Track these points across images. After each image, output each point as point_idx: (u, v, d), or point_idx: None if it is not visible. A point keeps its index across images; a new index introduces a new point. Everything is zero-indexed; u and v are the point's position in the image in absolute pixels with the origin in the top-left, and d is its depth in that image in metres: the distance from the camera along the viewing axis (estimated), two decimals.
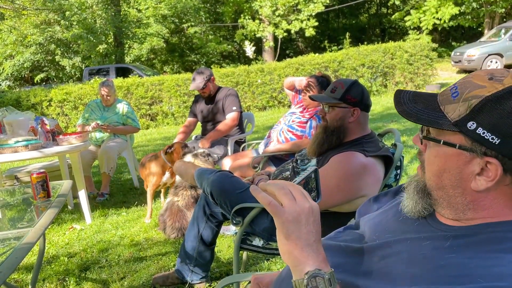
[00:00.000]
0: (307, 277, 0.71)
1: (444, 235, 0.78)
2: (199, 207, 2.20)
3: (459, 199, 0.78)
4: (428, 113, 0.79)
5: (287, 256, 0.75)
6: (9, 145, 3.23)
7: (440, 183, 0.79)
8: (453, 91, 0.78)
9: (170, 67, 21.43)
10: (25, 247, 1.27)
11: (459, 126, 0.74)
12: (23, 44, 17.75)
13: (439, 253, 0.75)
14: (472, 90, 0.75)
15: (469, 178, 0.75)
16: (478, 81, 0.76)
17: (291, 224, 0.74)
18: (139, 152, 6.82)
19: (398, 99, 0.85)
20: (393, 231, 0.88)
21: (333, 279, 0.72)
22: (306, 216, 0.75)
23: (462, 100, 0.75)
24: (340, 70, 11.07)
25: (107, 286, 2.45)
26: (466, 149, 0.74)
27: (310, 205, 0.76)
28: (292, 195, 0.76)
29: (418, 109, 0.80)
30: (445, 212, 0.81)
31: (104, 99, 4.45)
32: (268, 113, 10.31)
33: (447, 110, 0.77)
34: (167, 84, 10.19)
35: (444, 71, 15.35)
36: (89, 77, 13.98)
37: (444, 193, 0.80)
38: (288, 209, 0.75)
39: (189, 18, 20.45)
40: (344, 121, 1.86)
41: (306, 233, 0.74)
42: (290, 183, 0.80)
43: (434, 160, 0.80)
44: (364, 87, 1.91)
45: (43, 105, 9.64)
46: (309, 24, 18.83)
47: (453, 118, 0.75)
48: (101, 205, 4.06)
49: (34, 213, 1.82)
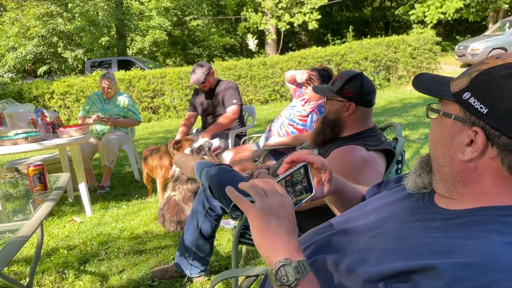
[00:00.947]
0: (276, 267, 0.75)
1: (434, 217, 0.80)
2: (198, 201, 2.18)
3: (448, 169, 0.81)
4: (437, 87, 0.83)
5: (260, 249, 0.79)
6: (9, 137, 3.22)
7: (435, 152, 0.84)
8: (466, 70, 0.82)
9: (173, 60, 21.38)
10: (20, 240, 1.25)
11: (456, 96, 0.78)
12: (26, 36, 17.72)
13: (426, 232, 0.77)
14: (477, 66, 0.79)
15: (458, 148, 0.78)
16: (486, 60, 0.79)
17: (261, 219, 0.78)
18: (141, 145, 6.81)
19: (417, 81, 0.89)
20: (389, 212, 0.91)
21: (302, 267, 0.74)
22: (276, 210, 0.79)
23: (467, 75, 0.79)
24: (343, 63, 11.01)
25: (106, 279, 2.45)
26: (459, 119, 0.78)
27: (281, 200, 0.80)
28: (263, 191, 0.81)
29: (429, 84, 0.85)
30: (439, 185, 0.84)
31: (105, 92, 4.43)
32: (270, 106, 10.27)
33: (452, 84, 0.81)
34: (169, 77, 10.16)
35: (448, 65, 15.24)
36: (91, 69, 13.97)
37: (437, 163, 0.84)
38: (258, 205, 0.79)
39: (192, 11, 20.37)
40: (340, 115, 1.83)
41: (276, 226, 0.78)
42: (264, 180, 0.84)
43: (434, 130, 0.85)
44: (366, 81, 1.82)
45: (45, 98, 9.63)
46: (312, 17, 18.74)
47: (454, 90, 0.79)
48: (102, 198, 4.06)
49: (31, 206, 1.81)
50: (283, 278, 0.74)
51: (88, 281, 2.44)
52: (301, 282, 0.74)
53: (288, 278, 0.73)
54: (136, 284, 2.36)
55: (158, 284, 2.33)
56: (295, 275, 0.73)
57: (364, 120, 1.85)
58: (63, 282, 2.45)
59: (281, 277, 0.74)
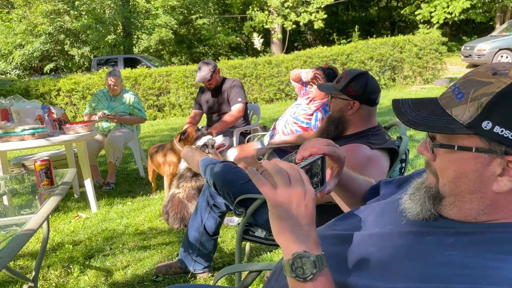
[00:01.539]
0: (293, 257, 0.73)
1: (447, 231, 0.75)
2: (203, 198, 2.20)
3: (476, 204, 0.74)
4: (435, 119, 0.74)
5: (278, 237, 0.76)
6: (16, 133, 3.25)
7: (456, 189, 0.75)
8: (455, 92, 0.75)
9: (178, 58, 21.43)
10: (26, 234, 1.27)
11: (474, 127, 0.70)
12: (33, 33, 17.80)
13: (440, 249, 0.72)
14: (479, 88, 0.71)
15: (490, 181, 0.71)
16: (482, 78, 0.72)
17: (281, 206, 0.75)
18: (146, 142, 6.84)
19: (398, 109, 0.80)
20: (396, 223, 0.85)
21: (319, 262, 0.72)
22: (298, 199, 0.75)
23: (470, 100, 0.71)
24: (348, 63, 10.98)
25: (111, 274, 2.47)
26: (484, 151, 0.70)
27: (304, 189, 0.76)
28: (288, 178, 0.77)
29: (423, 116, 0.76)
30: (452, 212, 0.78)
31: (111, 89, 4.46)
32: (275, 105, 10.27)
33: (455, 113, 0.73)
34: (174, 75, 10.18)
35: (454, 66, 15.18)
36: (97, 67, 14.03)
37: (458, 200, 0.75)
38: (280, 191, 0.75)
39: (198, 9, 20.40)
40: (344, 113, 1.84)
41: (297, 216, 0.75)
42: (291, 165, 0.80)
43: (448, 165, 0.75)
44: (371, 80, 1.83)
45: (52, 95, 9.69)
46: (318, 16, 18.71)
47: (465, 120, 0.71)
48: (107, 194, 4.08)
49: (37, 200, 1.83)
50: (298, 270, 0.72)
51: (93, 276, 2.46)
52: (317, 277, 0.72)
53: (304, 271, 0.72)
54: (140, 280, 2.38)
55: (162, 280, 2.35)
56: (312, 269, 0.71)
57: (368, 119, 1.86)
58: (68, 276, 2.48)
59: (296, 268, 0.72)
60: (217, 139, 3.18)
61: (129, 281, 2.37)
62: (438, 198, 0.79)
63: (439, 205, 0.79)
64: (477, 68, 0.76)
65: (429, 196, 0.79)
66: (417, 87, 11.13)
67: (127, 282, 2.37)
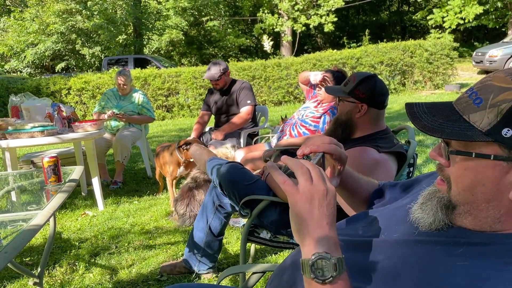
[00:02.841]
0: (314, 258, 0.71)
1: (458, 241, 0.73)
2: (208, 198, 2.20)
3: (492, 212, 0.71)
4: (452, 125, 0.72)
5: (297, 235, 0.75)
6: (25, 130, 3.28)
7: (472, 197, 0.73)
8: (473, 97, 0.72)
9: (188, 59, 21.51)
10: (32, 229, 1.28)
11: (493, 135, 0.68)
12: (45, 32, 18.00)
13: (450, 260, 0.71)
14: (498, 94, 0.68)
15: (507, 189, 0.69)
16: (501, 83, 0.69)
17: (304, 204, 0.74)
18: (154, 142, 6.87)
19: (413, 114, 0.77)
20: (403, 230, 0.83)
21: (340, 265, 0.71)
22: (320, 198, 0.74)
23: (490, 106, 0.68)
24: (358, 67, 10.95)
25: (116, 273, 2.48)
26: (503, 159, 0.68)
27: (326, 188, 0.75)
28: (309, 175, 0.76)
29: (440, 123, 0.73)
30: (466, 222, 0.75)
31: (121, 88, 4.49)
32: (284, 108, 10.27)
33: (473, 119, 0.70)
34: (184, 76, 10.22)
35: (465, 71, 15.06)
36: (108, 67, 14.13)
37: (473, 208, 0.73)
38: (302, 189, 0.74)
39: (209, 11, 20.48)
40: (352, 116, 1.83)
41: (319, 215, 0.73)
42: (310, 162, 0.79)
43: (464, 173, 0.73)
44: (379, 83, 1.82)
45: (62, 93, 9.78)
46: (328, 19, 18.68)
47: (484, 127, 0.68)
48: (114, 193, 4.10)
49: (44, 197, 1.84)
50: (318, 271, 0.70)
51: (98, 273, 2.47)
52: (336, 280, 0.70)
53: (324, 273, 0.70)
54: (144, 279, 2.38)
55: (167, 279, 2.35)
56: (332, 272, 0.70)
57: (376, 122, 1.84)
58: (73, 274, 2.49)
59: (316, 269, 0.70)
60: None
61: (134, 280, 2.38)
62: (451, 208, 0.76)
63: (452, 214, 0.76)
64: (495, 72, 0.73)
65: (441, 206, 0.77)
66: (427, 92, 11.06)
67: (131, 281, 2.37)
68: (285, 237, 1.93)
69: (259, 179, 1.94)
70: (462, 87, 11.04)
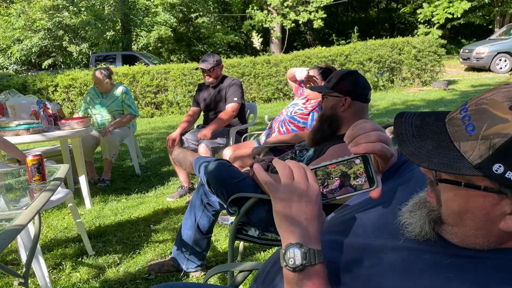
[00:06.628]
0: (286, 247, 0.76)
1: (446, 252, 0.71)
2: (196, 196, 2.18)
3: (481, 239, 0.69)
4: (440, 154, 0.67)
5: (278, 229, 0.80)
6: (10, 128, 3.23)
7: (461, 222, 0.70)
8: (466, 121, 0.66)
9: (177, 56, 21.38)
10: (15, 229, 1.26)
11: (483, 169, 0.63)
12: (32, 29, 17.76)
13: (437, 270, 0.68)
14: (492, 125, 0.63)
15: (497, 220, 0.66)
16: (497, 111, 0.63)
17: (282, 201, 0.78)
18: (143, 140, 6.82)
19: (400, 136, 0.72)
20: (392, 235, 0.80)
21: (311, 255, 0.74)
22: (299, 195, 0.78)
23: (482, 138, 0.63)
24: (347, 64, 10.98)
25: (103, 271, 2.45)
26: (494, 191, 0.64)
27: (307, 186, 0.79)
28: (291, 174, 0.80)
29: (428, 150, 0.69)
30: (455, 241, 0.72)
31: (98, 87, 4.43)
32: (273, 105, 10.26)
33: (463, 148, 0.65)
34: (173, 73, 10.16)
35: (453, 68, 15.21)
36: (95, 63, 13.98)
37: (461, 232, 0.71)
38: (282, 187, 0.78)
39: (198, 8, 20.37)
40: (336, 110, 1.84)
41: (296, 211, 0.77)
42: (298, 164, 0.82)
43: (454, 199, 0.70)
44: (361, 78, 1.87)
45: (49, 90, 9.65)
46: (317, 15, 18.70)
47: (474, 160, 0.64)
48: (102, 191, 4.07)
49: (28, 196, 1.81)
50: (290, 260, 0.74)
51: (85, 273, 2.45)
52: (308, 269, 0.74)
53: (295, 261, 0.74)
54: (132, 277, 2.36)
55: (155, 278, 2.33)
56: (302, 260, 0.73)
57: (361, 116, 1.85)
58: (60, 273, 2.46)
59: (288, 258, 0.74)
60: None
61: (121, 279, 2.36)
62: (439, 223, 0.74)
63: (440, 228, 0.74)
64: (493, 93, 0.67)
65: (430, 220, 0.74)
66: (415, 89, 11.14)
67: (119, 280, 2.35)
68: (273, 235, 1.93)
69: (247, 177, 1.94)
70: (450, 84, 11.14)
